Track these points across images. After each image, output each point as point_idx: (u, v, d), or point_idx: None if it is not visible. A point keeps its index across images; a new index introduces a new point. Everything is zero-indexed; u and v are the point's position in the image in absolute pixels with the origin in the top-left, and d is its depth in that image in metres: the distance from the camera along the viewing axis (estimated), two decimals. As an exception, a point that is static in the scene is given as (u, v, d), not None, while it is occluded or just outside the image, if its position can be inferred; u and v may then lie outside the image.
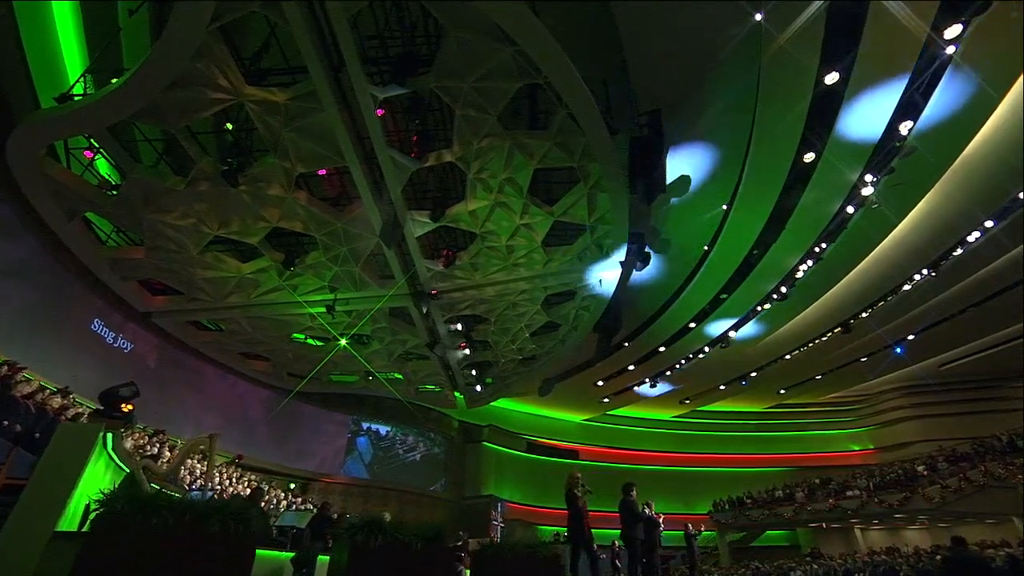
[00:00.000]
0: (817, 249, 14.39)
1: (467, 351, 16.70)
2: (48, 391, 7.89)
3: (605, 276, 14.29)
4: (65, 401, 7.91)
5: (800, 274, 15.12)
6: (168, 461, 10.35)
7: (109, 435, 4.50)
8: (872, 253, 14.72)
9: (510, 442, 25.28)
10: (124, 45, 9.87)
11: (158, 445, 11.28)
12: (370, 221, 11.50)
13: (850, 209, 12.96)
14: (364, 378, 18.53)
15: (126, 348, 13.56)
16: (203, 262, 12.23)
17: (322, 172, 11.43)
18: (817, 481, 22.26)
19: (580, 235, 13.16)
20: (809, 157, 11.35)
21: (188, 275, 12.56)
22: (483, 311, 15.60)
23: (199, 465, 12.17)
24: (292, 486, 17.00)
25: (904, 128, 10.51)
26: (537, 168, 10.94)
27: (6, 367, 9.45)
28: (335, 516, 8.62)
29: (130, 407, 5.59)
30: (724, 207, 13.42)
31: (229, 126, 10.24)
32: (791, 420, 28.55)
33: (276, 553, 5.39)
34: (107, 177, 10.89)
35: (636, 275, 14.40)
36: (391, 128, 10.49)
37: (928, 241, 14.19)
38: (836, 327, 18.99)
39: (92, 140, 10.07)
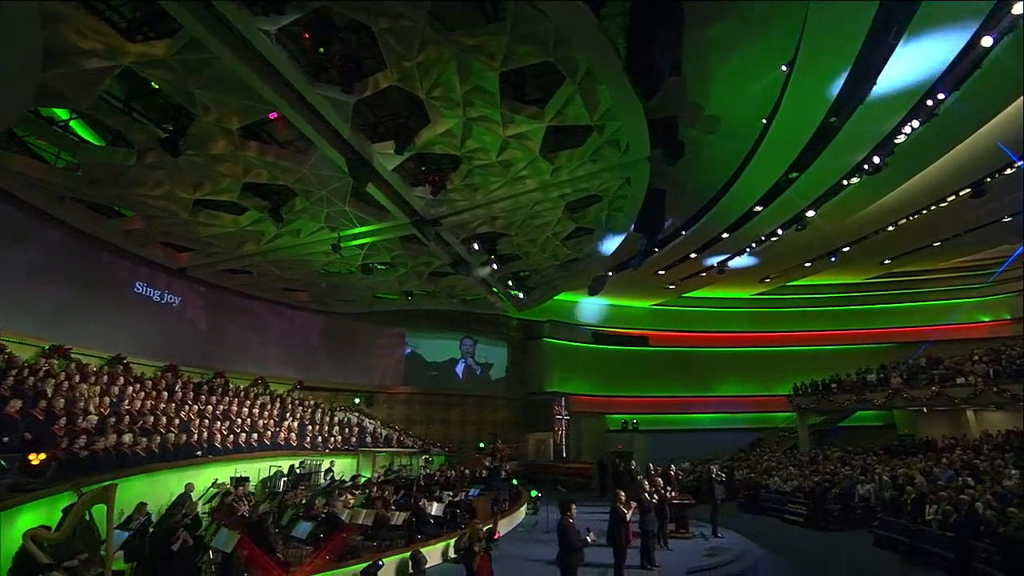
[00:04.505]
0: (930, 102, 10.42)
1: (495, 266, 15.74)
2: (55, 393, 8.58)
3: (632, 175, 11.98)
4: (63, 396, 8.59)
5: (901, 139, 11.32)
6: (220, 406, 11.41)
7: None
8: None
9: (573, 335, 24.99)
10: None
11: (205, 393, 12.49)
12: (335, 161, 10.24)
13: (987, 41, 8.83)
14: (404, 296, 18.64)
15: (174, 303, 14.61)
16: (199, 222, 12.10)
17: (273, 116, 10.06)
18: (923, 362, 19.43)
19: (589, 134, 10.77)
20: (911, -21, 7.53)
21: (193, 234, 12.65)
22: (500, 227, 14.20)
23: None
24: (357, 400, 18.65)
25: None
26: (509, 70, 8.63)
27: (49, 352, 10.47)
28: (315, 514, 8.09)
29: (41, 457, 5.69)
30: (784, 68, 9.94)
31: (155, 84, 9.09)
32: (897, 291, 24.49)
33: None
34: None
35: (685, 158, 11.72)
36: (318, 59, 8.57)
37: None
38: (963, 189, 14.71)
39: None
